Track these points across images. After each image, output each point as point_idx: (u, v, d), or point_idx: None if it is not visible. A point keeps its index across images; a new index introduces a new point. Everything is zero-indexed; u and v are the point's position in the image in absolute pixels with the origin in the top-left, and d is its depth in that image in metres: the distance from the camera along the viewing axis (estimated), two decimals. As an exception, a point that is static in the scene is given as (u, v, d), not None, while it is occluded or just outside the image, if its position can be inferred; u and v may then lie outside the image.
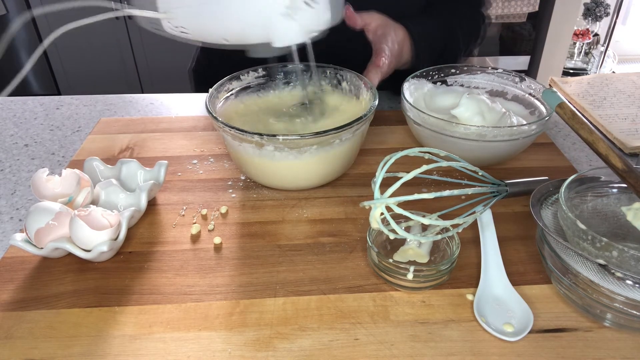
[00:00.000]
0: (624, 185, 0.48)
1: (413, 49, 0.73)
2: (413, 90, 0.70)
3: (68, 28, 0.48)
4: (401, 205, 0.44)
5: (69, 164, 0.66)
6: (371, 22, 0.69)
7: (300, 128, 0.61)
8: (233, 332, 0.43)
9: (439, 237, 0.46)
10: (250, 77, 0.66)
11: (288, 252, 0.51)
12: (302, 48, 0.56)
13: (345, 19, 0.68)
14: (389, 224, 0.46)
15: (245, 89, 0.67)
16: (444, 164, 0.49)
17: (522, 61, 2.31)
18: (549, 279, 0.48)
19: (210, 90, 0.61)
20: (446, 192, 0.45)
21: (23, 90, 2.41)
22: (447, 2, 0.83)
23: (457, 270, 0.49)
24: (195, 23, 0.52)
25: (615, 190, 0.50)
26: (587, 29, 2.33)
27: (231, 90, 0.65)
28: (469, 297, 0.46)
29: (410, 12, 0.81)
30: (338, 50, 0.74)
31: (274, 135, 0.52)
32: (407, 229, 0.51)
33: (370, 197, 0.46)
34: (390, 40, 0.69)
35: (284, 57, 0.57)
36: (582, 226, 0.42)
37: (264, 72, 0.67)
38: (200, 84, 0.97)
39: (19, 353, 0.41)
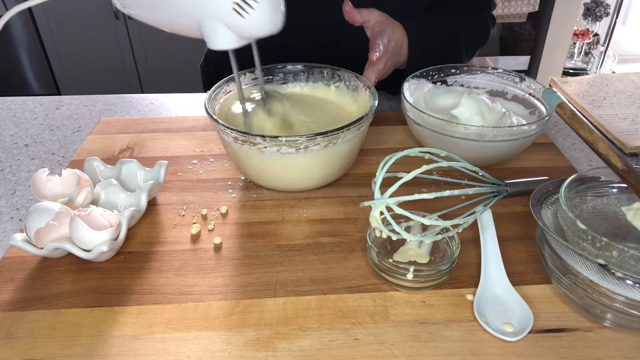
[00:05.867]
0: (624, 185, 0.48)
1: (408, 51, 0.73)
2: (413, 90, 0.70)
3: (21, 8, 0.48)
4: (401, 205, 0.44)
5: (69, 164, 0.66)
6: (370, 19, 0.69)
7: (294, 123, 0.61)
8: (233, 332, 0.43)
9: (439, 237, 0.46)
10: (247, 78, 0.66)
11: (288, 252, 0.51)
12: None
13: (344, 14, 0.67)
14: (389, 224, 0.46)
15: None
16: (444, 164, 0.49)
17: (522, 61, 2.31)
18: (549, 279, 0.48)
19: (209, 92, 0.61)
20: (446, 192, 0.45)
21: (23, 90, 2.41)
22: (453, 3, 0.82)
23: (457, 270, 0.49)
24: (138, 9, 0.53)
25: (615, 190, 0.50)
26: (587, 29, 2.32)
27: (229, 92, 0.65)
28: (469, 297, 0.46)
29: (412, 11, 0.81)
30: (337, 54, 0.74)
31: (277, 137, 0.52)
32: (407, 229, 0.51)
33: (371, 197, 0.46)
34: (387, 37, 0.69)
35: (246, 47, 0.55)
36: (582, 226, 0.42)
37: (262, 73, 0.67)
38: (209, 80, 0.96)
39: (19, 353, 0.41)
